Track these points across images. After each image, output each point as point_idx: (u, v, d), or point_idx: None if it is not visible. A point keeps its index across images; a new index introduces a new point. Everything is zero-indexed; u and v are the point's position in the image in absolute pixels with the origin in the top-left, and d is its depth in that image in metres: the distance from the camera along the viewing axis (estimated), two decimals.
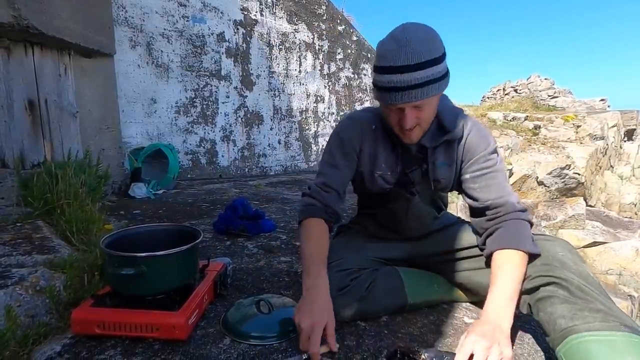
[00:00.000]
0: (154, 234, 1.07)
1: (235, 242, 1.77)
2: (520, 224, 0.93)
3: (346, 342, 0.95)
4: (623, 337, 0.71)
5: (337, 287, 0.99)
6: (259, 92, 4.31)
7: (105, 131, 2.93)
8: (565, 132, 10.01)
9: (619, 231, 4.95)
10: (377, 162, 1.07)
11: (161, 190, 3.06)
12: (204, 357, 0.86)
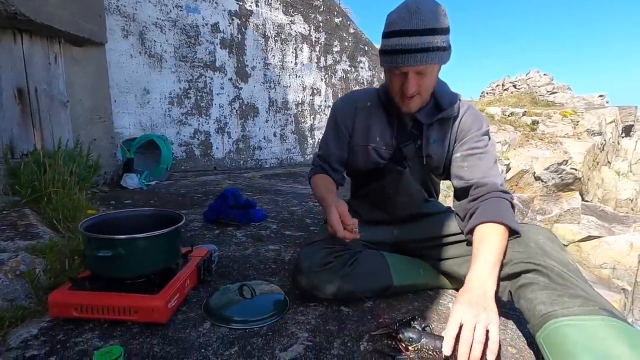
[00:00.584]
0: (136, 218, 1.05)
1: (225, 231, 1.76)
2: (502, 202, 0.93)
3: (328, 326, 0.94)
4: (602, 321, 0.70)
5: (320, 262, 0.99)
6: (254, 83, 4.27)
7: (97, 121, 2.90)
8: (563, 128, 10.01)
9: (614, 225, 4.96)
10: (371, 134, 1.09)
11: (154, 181, 3.05)
12: (182, 341, 0.85)
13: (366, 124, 1.10)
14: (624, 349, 0.65)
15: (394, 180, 1.11)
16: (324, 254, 1.02)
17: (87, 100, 2.82)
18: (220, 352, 0.82)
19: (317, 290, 0.99)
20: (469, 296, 0.78)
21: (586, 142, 9.48)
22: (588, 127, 9.91)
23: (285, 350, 0.83)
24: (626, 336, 0.68)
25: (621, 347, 0.66)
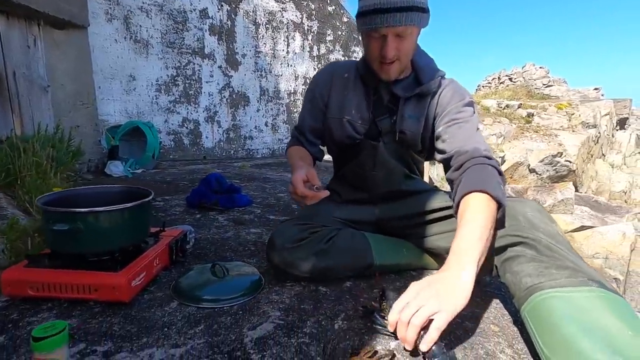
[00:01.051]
0: (102, 195, 1.00)
1: (207, 215, 1.71)
2: (485, 168, 0.85)
3: (303, 305, 0.89)
4: (590, 292, 0.66)
5: (293, 238, 0.95)
6: (244, 72, 4.19)
7: (80, 107, 2.82)
8: (558, 120, 10.00)
9: (607, 216, 4.95)
10: (346, 107, 1.05)
11: (140, 169, 2.98)
12: (146, 320, 0.80)
13: (342, 95, 1.06)
14: (613, 320, 0.61)
15: (370, 155, 1.06)
16: (298, 230, 0.97)
17: (69, 86, 2.74)
18: (185, 330, 0.77)
19: (291, 267, 0.94)
20: (434, 277, 0.71)
21: (581, 135, 9.48)
22: (583, 119, 9.91)
23: (254, 329, 0.78)
24: (615, 307, 0.64)
25: (609, 319, 0.62)
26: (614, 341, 0.58)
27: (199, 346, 0.72)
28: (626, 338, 0.58)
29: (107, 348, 0.70)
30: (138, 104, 3.33)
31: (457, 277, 0.69)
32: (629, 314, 0.63)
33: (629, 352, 0.56)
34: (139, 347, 0.71)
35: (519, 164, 8.72)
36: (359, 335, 0.78)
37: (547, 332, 0.65)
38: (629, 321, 0.61)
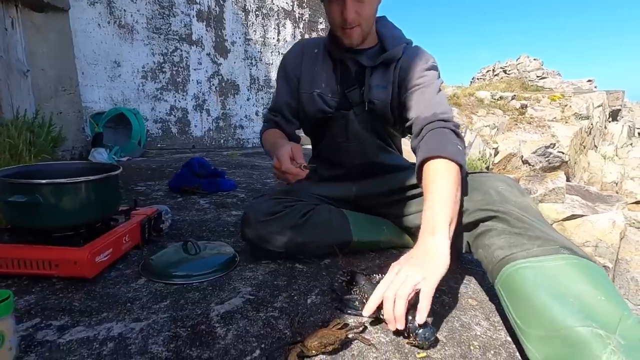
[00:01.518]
0: (65, 170, 0.95)
1: (188, 198, 1.67)
2: (444, 132, 0.83)
3: (277, 282, 0.86)
4: (562, 260, 0.63)
5: (267, 212, 0.92)
6: (234, 60, 4.12)
7: (63, 93, 2.75)
8: (551, 112, 10.02)
9: (598, 205, 4.98)
10: (316, 81, 1.03)
11: (126, 157, 2.92)
12: (110, 296, 0.77)
13: (312, 70, 1.04)
14: (585, 287, 0.59)
15: (341, 125, 1.03)
16: (272, 203, 0.94)
17: (50, 70, 2.66)
18: (149, 305, 0.74)
19: (265, 242, 0.91)
20: (410, 253, 0.69)
21: (574, 126, 9.51)
22: (576, 110, 9.93)
23: (221, 304, 0.75)
24: (587, 273, 0.61)
25: (582, 285, 0.59)
26: (587, 306, 0.56)
27: (162, 320, 0.68)
28: (599, 302, 0.56)
29: (63, 322, 0.67)
30: (123, 90, 3.25)
31: (432, 246, 0.68)
32: (602, 280, 0.61)
33: (602, 316, 0.54)
34: (97, 322, 0.67)
35: (512, 155, 8.74)
36: (331, 310, 0.75)
37: (520, 303, 0.63)
38: (601, 286, 0.59)
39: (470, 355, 0.62)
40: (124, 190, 1.78)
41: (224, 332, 0.66)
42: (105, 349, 0.60)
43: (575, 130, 9.19)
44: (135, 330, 0.65)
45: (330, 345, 0.59)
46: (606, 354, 0.49)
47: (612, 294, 0.58)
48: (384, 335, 0.67)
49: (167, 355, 0.59)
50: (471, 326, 0.71)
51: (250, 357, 0.59)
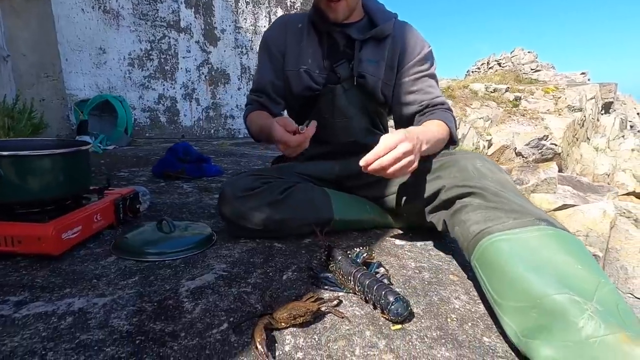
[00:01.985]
0: (33, 145, 0.91)
1: (172, 183, 1.63)
2: (448, 113, 0.95)
3: (253, 259, 0.83)
4: (538, 231, 0.61)
5: (244, 188, 0.89)
6: (224, 48, 4.05)
7: (45, 80, 2.68)
8: (544, 104, 10.05)
9: (589, 195, 5.01)
10: (302, 57, 1.00)
11: (112, 145, 2.86)
12: (75, 273, 0.74)
13: (297, 46, 1.00)
14: (561, 256, 0.57)
15: (328, 101, 1.00)
16: (250, 180, 0.91)
17: (32, 56, 2.59)
18: (116, 282, 0.70)
19: (242, 219, 0.88)
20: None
21: (566, 118, 9.55)
22: (569, 103, 9.97)
23: (192, 280, 0.72)
24: (563, 243, 0.59)
25: (558, 255, 0.57)
26: (563, 275, 0.54)
27: (128, 296, 0.65)
28: (575, 271, 0.54)
29: (21, 298, 0.63)
30: (110, 78, 3.18)
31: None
32: (578, 250, 0.59)
33: (579, 284, 0.52)
34: (58, 297, 0.64)
35: (505, 147, 8.77)
36: (307, 285, 0.72)
37: (495, 276, 0.61)
38: (578, 256, 0.57)
39: (447, 327, 0.60)
40: (106, 176, 1.74)
41: (191, 307, 0.63)
42: (63, 323, 0.57)
43: (568, 123, 9.24)
44: (98, 305, 0.62)
45: (300, 317, 0.57)
46: (583, 319, 0.47)
47: (589, 262, 0.56)
48: (359, 308, 0.65)
49: (129, 328, 0.56)
50: (450, 300, 0.69)
51: (217, 330, 0.57)
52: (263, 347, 0.50)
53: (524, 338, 0.52)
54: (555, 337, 0.49)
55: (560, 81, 12.54)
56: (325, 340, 0.55)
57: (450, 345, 0.55)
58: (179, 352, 0.51)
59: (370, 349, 0.54)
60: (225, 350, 0.52)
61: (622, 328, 0.46)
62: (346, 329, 0.59)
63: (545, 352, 0.48)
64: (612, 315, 0.48)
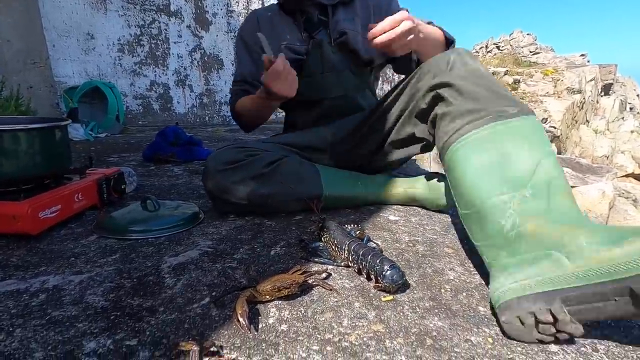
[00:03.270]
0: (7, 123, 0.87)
1: (162, 167, 1.59)
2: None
3: (241, 236, 0.80)
4: (489, 129, 0.60)
5: (227, 161, 0.86)
6: (216, 32, 3.95)
7: (32, 66, 2.61)
8: (544, 87, 9.95)
9: (588, 176, 4.98)
10: (279, 36, 1.02)
11: (104, 133, 2.81)
12: (53, 252, 0.70)
13: (273, 30, 1.03)
14: (510, 146, 0.58)
15: (316, 56, 1.01)
16: (234, 152, 0.88)
17: (17, 42, 2.52)
18: (95, 259, 0.67)
19: (225, 193, 0.85)
20: None
21: (566, 101, 9.46)
22: (568, 85, 9.87)
23: (175, 256, 0.69)
24: (514, 133, 0.59)
25: (507, 147, 0.58)
26: (505, 169, 0.56)
27: (106, 273, 0.62)
28: (518, 157, 0.56)
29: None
30: (99, 64, 3.11)
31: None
32: (529, 131, 0.59)
33: (517, 174, 0.55)
34: (32, 275, 0.61)
35: None
36: (296, 260, 0.69)
37: (455, 188, 0.63)
38: (527, 138, 0.58)
39: (441, 297, 0.57)
40: (96, 162, 1.70)
41: (172, 282, 0.60)
42: (35, 300, 0.54)
43: (568, 105, 9.15)
44: (74, 283, 0.59)
45: (285, 290, 0.54)
46: (504, 218, 0.52)
47: (536, 140, 0.58)
48: (349, 281, 0.62)
49: (104, 304, 0.53)
50: (444, 271, 0.66)
51: (198, 304, 0.54)
52: (245, 320, 0.47)
53: (473, 241, 0.59)
54: (485, 238, 0.55)
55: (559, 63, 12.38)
56: (312, 312, 0.53)
57: (443, 315, 0.53)
58: (156, 326, 0.48)
59: (359, 320, 0.51)
60: (205, 324, 0.49)
61: (536, 216, 0.50)
62: (334, 301, 0.56)
63: (482, 253, 0.56)
64: (539, 197, 0.52)
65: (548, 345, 0.46)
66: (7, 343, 0.44)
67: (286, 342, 0.46)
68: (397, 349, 0.45)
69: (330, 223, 0.72)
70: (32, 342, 0.45)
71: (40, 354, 0.43)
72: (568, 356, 0.44)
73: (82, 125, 2.62)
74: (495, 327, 0.50)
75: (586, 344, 0.47)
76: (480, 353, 0.45)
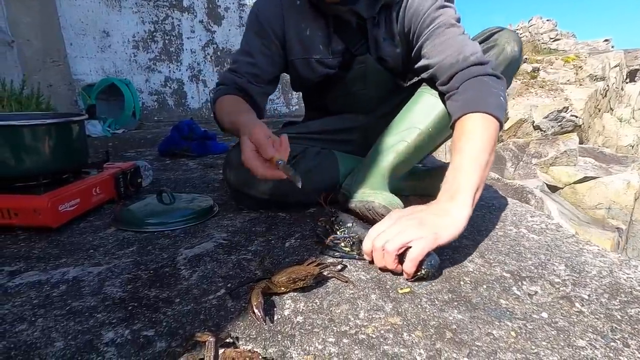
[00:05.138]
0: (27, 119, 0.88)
1: (177, 161, 1.61)
2: (482, 81, 0.72)
3: (255, 228, 0.80)
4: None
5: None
6: (228, 27, 3.95)
7: (51, 65, 2.67)
8: (564, 74, 9.60)
9: (612, 166, 4.80)
10: (310, 45, 0.87)
11: (121, 129, 2.86)
12: (73, 244, 0.72)
13: (299, 29, 0.86)
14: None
15: (359, 72, 0.89)
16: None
17: (36, 41, 2.58)
18: (113, 251, 0.68)
19: (247, 187, 0.84)
20: (420, 207, 0.63)
21: (588, 88, 9.12)
22: (591, 72, 9.50)
23: (191, 248, 0.70)
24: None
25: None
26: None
27: (124, 264, 0.63)
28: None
29: (16, 268, 0.62)
30: (115, 62, 3.16)
31: (445, 209, 0.61)
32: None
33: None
34: (53, 267, 0.62)
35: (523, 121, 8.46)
36: (310, 251, 0.69)
37: None
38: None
39: (460, 289, 0.56)
40: (113, 157, 1.73)
41: (188, 274, 0.60)
42: (56, 291, 0.55)
43: (590, 93, 8.81)
44: (93, 274, 0.60)
45: (301, 281, 0.53)
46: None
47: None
48: (365, 273, 0.61)
49: (122, 295, 0.54)
50: (464, 263, 0.64)
51: (213, 296, 0.54)
52: (260, 311, 0.47)
53: None
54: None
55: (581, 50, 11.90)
56: (328, 304, 0.52)
57: (463, 307, 0.51)
58: (172, 317, 0.49)
59: (375, 312, 0.50)
60: (220, 315, 0.49)
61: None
62: (350, 293, 0.55)
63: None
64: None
65: (575, 340, 0.44)
66: (29, 332, 0.45)
67: (302, 333, 0.45)
68: (416, 342, 0.44)
69: (346, 217, 0.71)
70: (53, 332, 0.45)
71: (60, 343, 0.43)
72: (597, 351, 0.42)
73: (100, 121, 2.67)
74: (519, 321, 0.48)
75: (616, 338, 0.45)
76: (502, 347, 0.43)
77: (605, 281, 0.58)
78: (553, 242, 0.73)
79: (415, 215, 0.60)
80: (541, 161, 4.73)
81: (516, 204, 0.99)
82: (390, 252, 0.56)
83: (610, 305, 0.52)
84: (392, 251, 0.56)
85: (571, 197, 4.42)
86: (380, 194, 0.77)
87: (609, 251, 0.70)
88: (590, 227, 3.80)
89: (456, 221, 0.59)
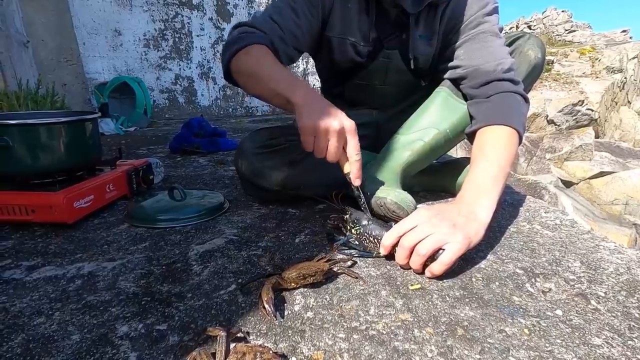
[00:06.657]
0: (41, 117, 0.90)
1: (188, 158, 1.62)
2: (513, 97, 0.75)
3: (265, 224, 0.80)
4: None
5: (265, 144, 0.83)
6: None
7: (65, 64, 2.72)
8: (580, 67, 9.36)
9: (629, 161, 4.67)
10: (350, 26, 0.85)
11: (133, 127, 2.90)
12: (88, 240, 0.73)
13: (345, 10, 0.84)
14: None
15: (381, 68, 0.89)
16: (264, 134, 0.86)
17: (50, 41, 2.63)
18: (126, 247, 0.70)
19: (259, 177, 0.84)
20: (447, 207, 0.63)
21: (605, 81, 8.88)
22: (607, 64, 9.24)
23: (202, 244, 0.70)
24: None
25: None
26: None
27: (137, 260, 0.64)
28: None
29: (33, 263, 0.63)
30: (127, 60, 3.20)
31: (474, 212, 0.61)
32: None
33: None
34: (69, 262, 0.64)
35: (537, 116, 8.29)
36: (320, 247, 0.69)
37: None
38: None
39: (472, 286, 0.55)
40: (126, 154, 1.76)
41: (200, 269, 0.61)
42: (72, 285, 0.56)
43: (607, 86, 8.58)
44: (107, 269, 0.61)
45: (311, 277, 0.53)
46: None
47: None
48: (375, 269, 0.60)
49: (135, 290, 0.55)
50: (475, 260, 0.63)
51: (224, 291, 0.54)
52: (270, 307, 0.47)
53: None
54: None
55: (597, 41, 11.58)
56: (338, 300, 0.52)
57: (475, 304, 0.51)
58: (184, 312, 0.49)
59: (386, 308, 0.50)
60: (232, 310, 0.50)
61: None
62: (360, 289, 0.55)
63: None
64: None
65: (591, 338, 0.43)
66: (47, 325, 0.47)
67: (312, 329, 0.46)
68: (427, 339, 0.44)
69: (360, 215, 0.70)
70: (69, 325, 0.47)
71: (77, 336, 0.44)
72: (614, 350, 0.41)
73: (112, 119, 2.71)
74: (532, 318, 0.47)
75: (634, 337, 0.44)
76: (515, 344, 0.42)
77: (622, 278, 0.57)
78: (568, 239, 0.72)
79: (445, 215, 0.60)
80: (555, 156, 4.64)
81: (529, 199, 0.97)
82: (422, 254, 0.56)
83: (627, 303, 0.51)
84: (425, 253, 0.56)
85: (586, 192, 4.33)
86: (393, 190, 0.76)
87: (626, 248, 0.68)
88: (606, 223, 3.72)
89: (483, 225, 0.60)
